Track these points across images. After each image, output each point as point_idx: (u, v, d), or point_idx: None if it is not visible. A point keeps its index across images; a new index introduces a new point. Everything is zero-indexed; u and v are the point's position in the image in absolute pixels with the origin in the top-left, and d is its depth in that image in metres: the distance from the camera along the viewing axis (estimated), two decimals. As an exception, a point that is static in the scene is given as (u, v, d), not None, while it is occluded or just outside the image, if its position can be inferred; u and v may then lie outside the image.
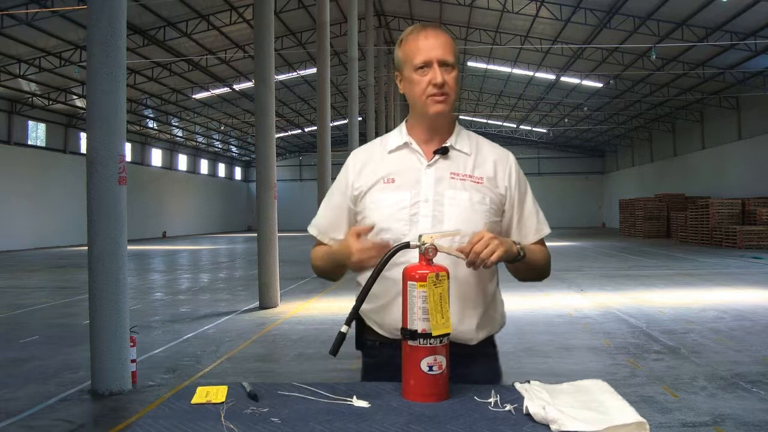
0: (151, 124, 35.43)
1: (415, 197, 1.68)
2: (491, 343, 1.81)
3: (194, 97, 30.53)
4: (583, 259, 18.22)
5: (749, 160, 25.33)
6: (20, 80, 23.68)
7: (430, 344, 1.41)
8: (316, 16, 16.17)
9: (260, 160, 10.09)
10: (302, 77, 31.01)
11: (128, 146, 32.11)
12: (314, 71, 24.07)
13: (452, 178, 1.70)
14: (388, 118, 31.06)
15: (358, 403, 1.40)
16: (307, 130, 42.51)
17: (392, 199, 1.69)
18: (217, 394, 1.46)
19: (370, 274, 1.55)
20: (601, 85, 28.72)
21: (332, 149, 15.04)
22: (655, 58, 22.02)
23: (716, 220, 23.25)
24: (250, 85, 27.94)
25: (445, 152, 1.72)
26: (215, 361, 6.27)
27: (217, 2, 21.07)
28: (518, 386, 1.46)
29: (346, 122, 22.79)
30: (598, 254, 19.89)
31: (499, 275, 1.81)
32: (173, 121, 35.36)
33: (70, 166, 28.49)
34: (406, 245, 1.50)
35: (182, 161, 43.58)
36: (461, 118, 37.53)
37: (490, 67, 29.40)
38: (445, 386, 1.43)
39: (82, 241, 13.51)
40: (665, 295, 10.44)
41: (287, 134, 44.56)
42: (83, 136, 28.41)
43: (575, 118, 37.63)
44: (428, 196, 1.68)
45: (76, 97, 26.88)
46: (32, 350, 6.86)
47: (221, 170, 50.76)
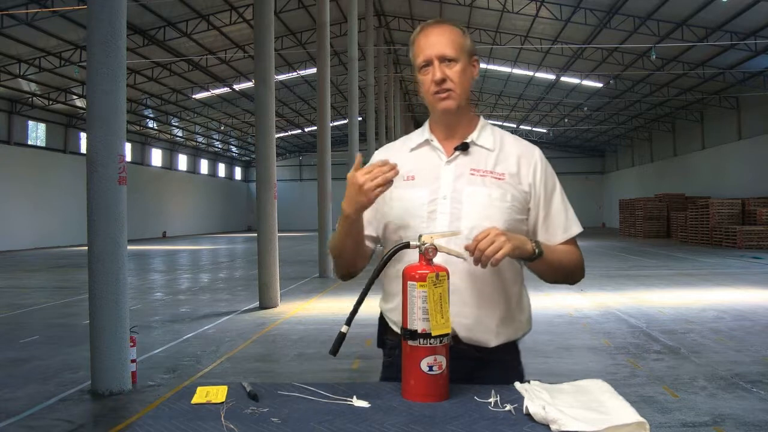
0: (151, 124, 35.44)
1: (433, 194, 1.66)
2: (514, 349, 1.73)
3: (194, 97, 30.54)
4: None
5: (749, 160, 25.33)
6: (20, 80, 23.69)
7: (430, 344, 1.40)
8: (316, 16, 16.17)
9: (260, 160, 10.09)
10: (302, 77, 31.02)
11: (128, 146, 32.11)
12: (314, 71, 24.08)
13: (472, 174, 1.66)
14: (388, 118, 31.06)
15: (358, 403, 1.40)
16: (307, 130, 42.54)
17: (411, 196, 1.67)
18: (217, 394, 1.46)
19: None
20: (601, 85, 28.73)
21: (332, 149, 15.04)
22: (655, 58, 22.02)
23: (716, 220, 23.25)
24: (250, 85, 27.94)
25: (465, 148, 1.69)
26: (215, 361, 6.27)
27: (217, 2, 21.08)
28: (518, 386, 1.46)
29: (346, 122, 22.78)
30: (598, 254, 19.87)
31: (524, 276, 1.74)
32: (173, 121, 35.37)
33: (70, 166, 28.49)
34: (406, 245, 1.50)
35: (182, 161, 43.59)
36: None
37: (490, 67, 29.36)
38: (445, 386, 1.43)
39: (82, 241, 13.53)
40: (665, 295, 10.44)
41: (287, 134, 44.58)
42: (83, 136, 28.40)
43: (575, 118, 37.63)
44: (446, 193, 1.65)
45: (76, 97, 26.88)
46: (32, 350, 6.86)
47: (221, 170, 50.77)
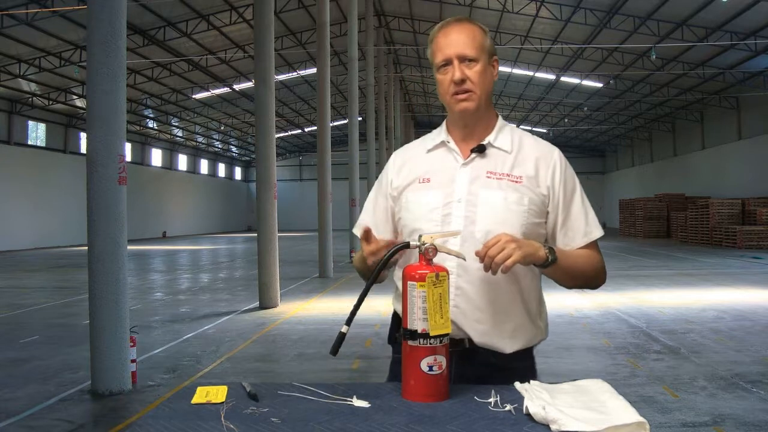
0: (151, 124, 35.44)
1: (448, 197, 1.62)
2: (529, 355, 1.71)
3: (194, 97, 30.54)
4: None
5: (749, 160, 25.34)
6: (20, 80, 23.70)
7: (430, 344, 1.40)
8: (316, 16, 16.18)
9: (260, 160, 10.09)
10: (302, 77, 31.02)
11: (128, 146, 32.10)
12: (314, 71, 24.08)
13: (488, 177, 1.62)
14: (388, 118, 31.05)
15: (358, 403, 1.40)
16: (307, 130, 42.54)
17: (425, 199, 1.64)
18: (217, 394, 1.46)
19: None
20: (601, 85, 28.72)
21: (332, 149, 15.05)
22: (655, 58, 22.02)
23: (716, 220, 23.25)
24: (250, 85, 27.94)
25: (482, 150, 1.65)
26: (215, 361, 6.27)
27: (217, 2, 21.08)
28: (518, 386, 1.46)
29: (346, 122, 22.78)
30: (598, 254, 19.83)
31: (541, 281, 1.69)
32: (173, 121, 35.37)
33: (70, 166, 28.49)
34: (406, 245, 1.49)
35: (182, 161, 43.59)
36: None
37: (490, 67, 29.34)
38: (445, 386, 1.43)
39: (82, 241, 13.53)
40: (665, 295, 10.44)
41: (287, 134, 44.58)
42: (83, 136, 28.41)
43: (575, 118, 37.62)
44: (461, 196, 1.61)
45: (76, 97, 26.88)
46: (32, 350, 6.86)
47: (221, 170, 50.78)
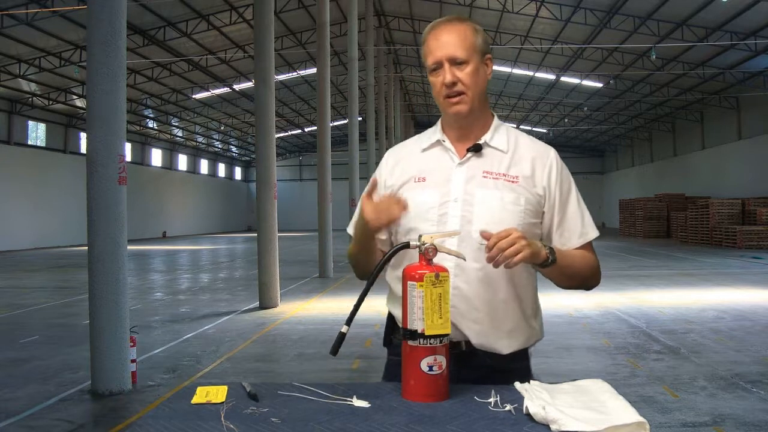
0: (151, 124, 35.44)
1: (444, 197, 1.62)
2: (525, 356, 1.73)
3: (194, 97, 30.54)
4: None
5: (749, 160, 25.34)
6: (20, 80, 23.69)
7: (429, 344, 1.40)
8: (316, 16, 16.17)
9: (260, 160, 10.09)
10: (302, 77, 31.02)
11: (128, 146, 32.10)
12: (314, 71, 24.07)
13: (484, 176, 1.62)
14: (388, 118, 31.05)
15: (358, 403, 1.40)
16: (307, 130, 42.53)
17: (421, 198, 1.63)
18: (217, 394, 1.46)
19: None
20: (601, 85, 28.72)
21: (332, 149, 15.04)
22: (655, 58, 22.02)
23: (716, 220, 23.25)
24: (250, 85, 27.94)
25: (478, 150, 1.65)
26: (215, 361, 6.27)
27: (217, 2, 21.08)
28: (518, 386, 1.46)
29: (346, 122, 22.77)
30: (598, 254, 19.84)
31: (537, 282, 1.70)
32: (173, 121, 35.37)
33: (70, 166, 28.48)
34: (406, 245, 1.49)
35: (182, 161, 43.57)
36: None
37: (489, 67, 29.36)
38: (445, 386, 1.43)
39: (82, 241, 13.52)
40: (665, 295, 10.44)
41: (287, 134, 44.57)
42: (83, 136, 28.40)
43: (575, 118, 37.63)
44: (458, 195, 1.61)
45: (76, 97, 26.88)
46: (32, 350, 6.86)
47: (221, 170, 50.76)
